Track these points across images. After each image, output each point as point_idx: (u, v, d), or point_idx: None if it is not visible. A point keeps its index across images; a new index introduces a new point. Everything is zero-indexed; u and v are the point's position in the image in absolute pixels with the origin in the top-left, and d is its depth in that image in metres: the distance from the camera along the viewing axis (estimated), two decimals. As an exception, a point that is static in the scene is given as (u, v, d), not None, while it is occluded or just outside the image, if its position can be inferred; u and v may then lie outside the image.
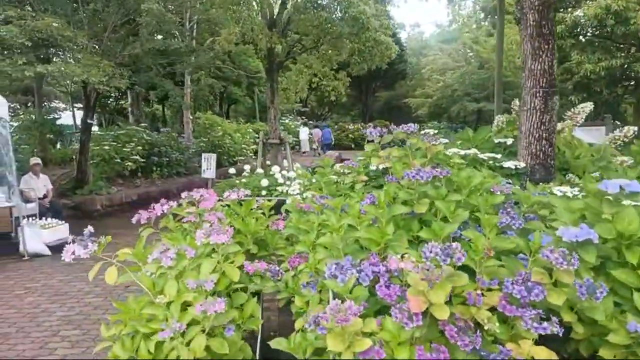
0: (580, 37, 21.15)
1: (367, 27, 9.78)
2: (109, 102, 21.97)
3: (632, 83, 20.78)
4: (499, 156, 3.64)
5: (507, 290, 1.51)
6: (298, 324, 1.71)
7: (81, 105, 14.92)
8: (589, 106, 4.36)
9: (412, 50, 40.24)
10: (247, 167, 8.18)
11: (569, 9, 20.49)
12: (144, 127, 11.72)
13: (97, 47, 9.78)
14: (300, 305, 1.87)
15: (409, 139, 2.41)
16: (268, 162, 9.09)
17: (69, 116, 20.37)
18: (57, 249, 6.49)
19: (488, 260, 1.65)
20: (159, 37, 11.90)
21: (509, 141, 4.07)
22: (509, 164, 3.56)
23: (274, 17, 9.82)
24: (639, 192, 1.93)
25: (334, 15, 10.35)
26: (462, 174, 2.23)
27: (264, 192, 6.50)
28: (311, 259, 2.07)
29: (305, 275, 2.01)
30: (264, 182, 6.63)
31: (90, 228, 1.90)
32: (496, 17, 8.84)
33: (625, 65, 19.30)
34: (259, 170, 8.13)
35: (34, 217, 7.53)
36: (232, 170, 8.37)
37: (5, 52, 8.54)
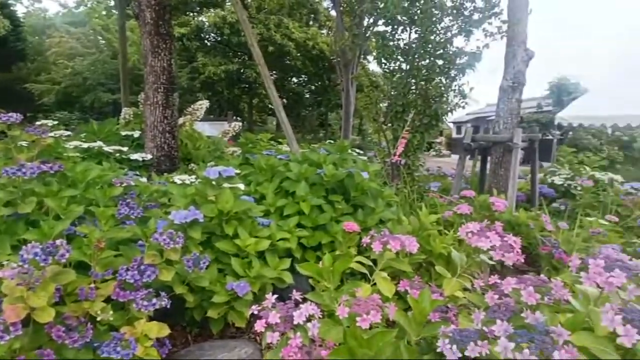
0: (205, 41, 23.66)
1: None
2: None
3: (246, 86, 24.90)
4: (126, 149, 3.67)
5: (121, 277, 1.57)
6: None
7: None
8: (205, 103, 4.96)
9: (33, 29, 34.35)
10: None
11: (194, 13, 22.54)
12: None
13: None
14: None
15: (11, 131, 2.10)
16: None
17: None
18: None
19: (103, 252, 1.66)
20: None
21: (137, 134, 4.16)
22: (136, 156, 3.65)
23: None
24: (234, 176, 2.37)
25: None
26: (78, 168, 2.14)
27: None
28: None
29: None
30: None
31: None
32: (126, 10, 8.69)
33: (241, 70, 22.96)
34: None
35: None
36: None
37: None
